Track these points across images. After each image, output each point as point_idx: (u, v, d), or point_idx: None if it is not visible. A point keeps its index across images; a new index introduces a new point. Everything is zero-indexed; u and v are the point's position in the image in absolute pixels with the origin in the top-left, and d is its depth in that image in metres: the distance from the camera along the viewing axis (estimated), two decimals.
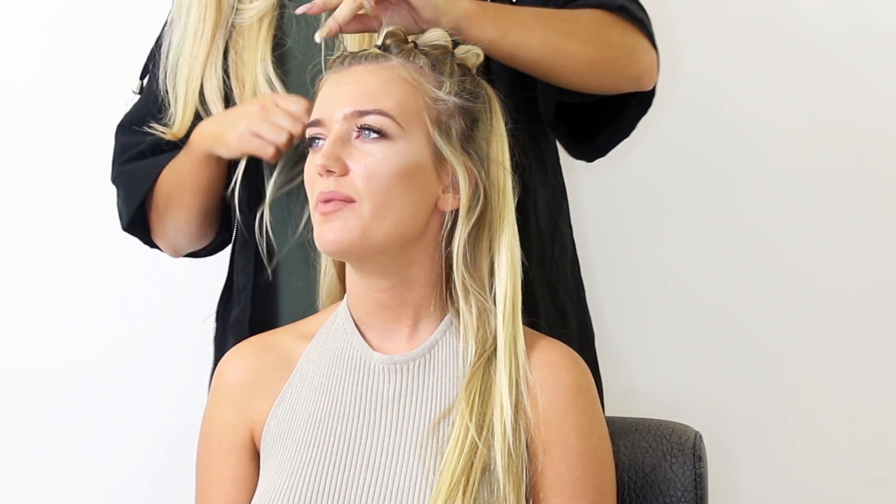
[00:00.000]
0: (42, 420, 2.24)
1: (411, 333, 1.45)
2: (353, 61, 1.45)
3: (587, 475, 1.40)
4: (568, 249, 1.77)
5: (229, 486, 1.46)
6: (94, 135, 2.16)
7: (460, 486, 1.35)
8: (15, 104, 2.24)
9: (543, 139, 1.73)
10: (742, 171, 2.25)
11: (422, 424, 1.41)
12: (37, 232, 2.24)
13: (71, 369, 2.23)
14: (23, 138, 2.24)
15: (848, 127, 2.23)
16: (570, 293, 1.74)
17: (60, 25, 2.23)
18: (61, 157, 2.23)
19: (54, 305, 2.24)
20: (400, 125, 1.40)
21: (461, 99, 1.44)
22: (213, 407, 1.50)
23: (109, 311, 2.24)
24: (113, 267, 2.23)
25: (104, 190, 1.83)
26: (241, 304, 1.69)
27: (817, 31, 2.23)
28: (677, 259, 2.25)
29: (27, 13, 2.24)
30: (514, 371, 1.40)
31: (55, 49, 2.23)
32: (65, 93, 2.23)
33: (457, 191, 1.43)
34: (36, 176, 2.24)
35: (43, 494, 2.24)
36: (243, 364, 1.49)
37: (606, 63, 1.62)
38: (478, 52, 1.50)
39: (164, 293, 2.24)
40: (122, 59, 2.03)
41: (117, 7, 2.22)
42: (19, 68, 2.24)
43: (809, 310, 2.25)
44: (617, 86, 1.65)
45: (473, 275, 1.43)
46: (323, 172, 1.39)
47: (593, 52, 1.60)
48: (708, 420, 1.75)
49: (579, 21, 1.62)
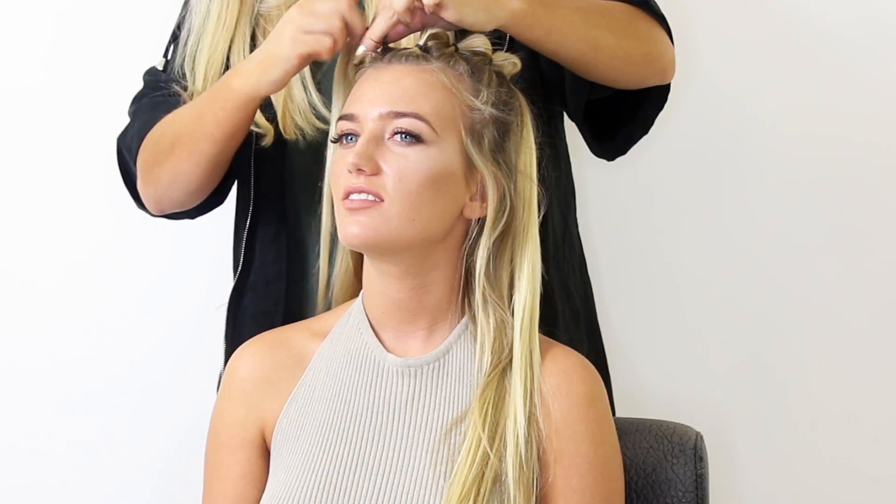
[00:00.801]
0: (49, 418, 2.24)
1: (427, 337, 1.45)
2: (394, 59, 1.43)
3: (597, 484, 1.40)
4: (576, 249, 1.77)
5: (238, 482, 1.46)
6: (103, 134, 2.17)
7: (471, 497, 1.35)
8: (24, 104, 2.23)
9: (558, 138, 1.73)
10: (749, 170, 2.24)
11: (434, 430, 1.40)
12: (43, 231, 2.24)
13: (77, 368, 2.23)
14: (29, 137, 2.24)
15: (862, 126, 2.22)
16: (578, 292, 1.74)
17: (66, 26, 2.23)
18: (68, 156, 2.23)
19: (61, 304, 2.24)
20: (435, 130, 1.39)
21: (496, 109, 1.43)
22: (223, 402, 1.49)
23: (116, 309, 2.24)
24: (121, 265, 2.23)
25: (113, 188, 1.82)
26: (271, 296, 1.66)
27: (833, 29, 2.22)
28: (680, 260, 2.25)
29: (33, 12, 2.23)
30: (529, 383, 1.40)
31: (61, 48, 2.23)
32: (72, 92, 2.22)
33: (484, 199, 1.43)
34: (44, 174, 2.24)
35: (50, 493, 2.24)
36: (256, 360, 1.48)
37: (639, 57, 1.61)
38: (515, 62, 1.49)
39: (172, 291, 2.24)
40: (129, 58, 2.04)
41: (126, 6, 2.22)
42: (21, 68, 2.24)
43: (811, 311, 2.25)
44: (643, 79, 1.65)
45: (494, 285, 1.42)
46: (354, 171, 1.38)
47: (628, 46, 1.59)
48: (709, 420, 1.75)
49: (614, 14, 1.61)
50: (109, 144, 1.77)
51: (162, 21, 1.80)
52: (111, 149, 1.76)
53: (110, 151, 1.77)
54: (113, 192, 1.85)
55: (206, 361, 1.86)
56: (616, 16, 1.61)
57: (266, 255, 1.68)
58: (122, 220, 1.92)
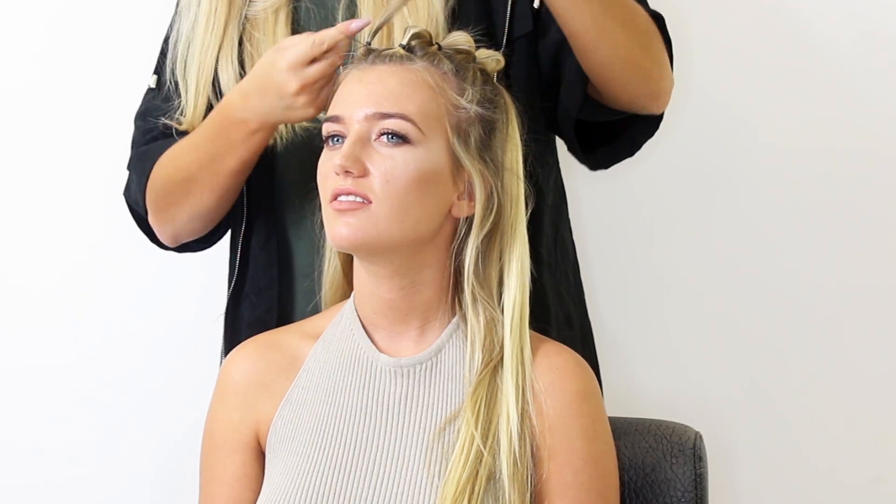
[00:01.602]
0: (45, 419, 2.24)
1: (419, 336, 1.45)
2: (378, 60, 1.43)
3: (592, 480, 1.40)
4: (569, 252, 1.76)
5: (234, 485, 1.46)
6: (101, 135, 2.17)
7: (465, 495, 1.35)
8: (22, 105, 2.23)
9: (547, 142, 1.72)
10: (741, 171, 2.24)
11: (427, 429, 1.41)
12: (41, 233, 2.24)
13: (74, 369, 2.23)
14: (28, 138, 2.24)
15: (857, 134, 2.23)
16: (572, 296, 1.74)
17: (61, 26, 2.22)
18: (67, 157, 2.22)
19: (58, 306, 2.24)
20: (421, 130, 1.39)
21: (482, 107, 1.43)
22: (217, 405, 1.49)
23: (113, 312, 2.24)
24: (117, 268, 2.23)
25: (110, 190, 1.82)
26: (264, 304, 1.66)
27: (828, 39, 2.22)
28: (677, 260, 2.25)
29: (27, 13, 2.23)
30: (521, 380, 1.40)
31: (57, 50, 2.23)
32: (70, 93, 2.22)
33: (471, 198, 1.43)
34: (42, 176, 2.23)
35: (46, 494, 2.24)
36: (249, 363, 1.48)
37: (639, 67, 1.59)
38: (498, 58, 1.49)
39: (168, 294, 2.24)
40: (125, 59, 2.04)
41: (119, 7, 2.22)
42: (20, 69, 2.23)
43: (809, 310, 2.25)
44: (635, 94, 1.62)
45: (483, 283, 1.42)
46: (341, 172, 1.38)
47: (635, 50, 1.57)
48: (708, 420, 1.75)
49: (637, 17, 1.59)
50: (107, 147, 1.78)
51: (156, 21, 1.80)
52: (109, 152, 1.78)
53: (108, 155, 1.78)
54: (110, 194, 1.85)
55: (204, 363, 1.86)
56: (638, 22, 1.59)
57: (258, 262, 1.68)
58: (118, 223, 1.91)
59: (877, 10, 2.22)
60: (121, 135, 1.78)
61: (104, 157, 1.81)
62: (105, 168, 1.81)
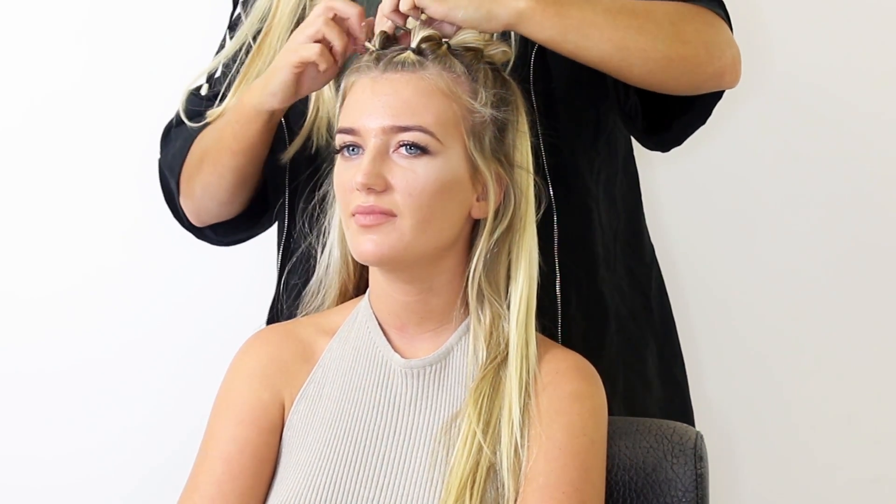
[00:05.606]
0: (48, 425, 2.25)
1: (434, 338, 1.45)
2: (389, 67, 1.41)
3: (565, 469, 1.38)
4: (646, 247, 1.74)
5: (243, 454, 1.43)
6: (123, 137, 2.18)
7: (467, 488, 1.35)
8: (60, 104, 2.23)
9: (614, 138, 1.68)
10: (747, 173, 2.25)
11: (434, 429, 1.41)
12: (43, 239, 2.25)
13: (82, 373, 2.25)
14: (46, 141, 2.24)
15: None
16: (644, 291, 1.72)
17: (89, 38, 2.23)
18: (86, 161, 2.22)
19: (65, 312, 2.25)
20: (440, 140, 1.39)
21: (495, 109, 1.43)
22: (240, 382, 1.46)
23: (120, 318, 2.26)
24: (130, 273, 2.25)
25: (123, 195, 1.82)
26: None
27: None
28: (677, 259, 2.25)
29: (55, 22, 2.24)
30: (525, 374, 1.40)
31: (56, 62, 2.24)
32: (92, 96, 2.23)
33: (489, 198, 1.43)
34: (60, 180, 2.24)
35: (48, 496, 2.25)
36: (271, 348, 1.48)
37: (682, 60, 1.53)
38: (504, 49, 1.48)
39: (179, 300, 2.25)
40: (142, 68, 2.05)
41: (142, 12, 2.23)
42: (25, 73, 2.24)
43: (810, 310, 2.25)
44: (695, 85, 1.57)
45: (490, 280, 1.43)
46: (363, 190, 1.37)
47: (667, 49, 1.51)
48: (709, 420, 1.75)
49: (652, 15, 1.52)
50: (132, 148, 1.77)
51: (179, 27, 1.80)
52: (113, 160, 1.78)
53: (111, 163, 1.78)
54: (123, 201, 1.85)
55: (208, 366, 1.86)
56: (655, 17, 1.53)
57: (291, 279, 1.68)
58: (129, 230, 1.92)
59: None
60: (138, 137, 1.78)
61: (124, 161, 1.81)
62: (111, 180, 1.81)
